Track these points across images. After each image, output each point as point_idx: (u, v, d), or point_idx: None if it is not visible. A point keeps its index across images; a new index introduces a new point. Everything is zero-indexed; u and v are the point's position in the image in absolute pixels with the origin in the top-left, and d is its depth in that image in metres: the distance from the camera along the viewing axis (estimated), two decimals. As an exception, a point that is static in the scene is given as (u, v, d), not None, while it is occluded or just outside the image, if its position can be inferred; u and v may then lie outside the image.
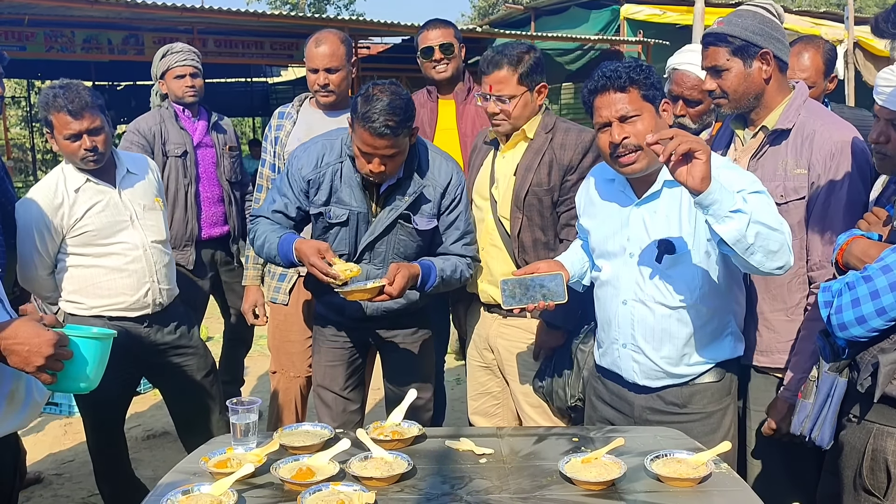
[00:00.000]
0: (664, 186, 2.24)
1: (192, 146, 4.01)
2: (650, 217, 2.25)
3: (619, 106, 2.16)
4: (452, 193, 2.73)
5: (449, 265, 2.71)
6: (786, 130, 2.37)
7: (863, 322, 1.81)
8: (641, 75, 2.17)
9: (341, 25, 11.32)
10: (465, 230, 2.78)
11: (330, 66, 3.22)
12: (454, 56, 3.41)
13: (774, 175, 2.33)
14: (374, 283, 2.52)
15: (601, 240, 2.38)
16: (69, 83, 2.83)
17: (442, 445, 2.18)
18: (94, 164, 2.87)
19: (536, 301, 2.32)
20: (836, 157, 2.29)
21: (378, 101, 2.44)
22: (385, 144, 2.47)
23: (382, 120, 2.43)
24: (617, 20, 12.85)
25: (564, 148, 2.76)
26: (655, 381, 2.31)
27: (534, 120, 2.80)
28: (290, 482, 1.91)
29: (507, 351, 2.92)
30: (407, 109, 2.50)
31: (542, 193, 2.76)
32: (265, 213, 2.77)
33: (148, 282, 3.00)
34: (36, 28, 10.70)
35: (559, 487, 1.91)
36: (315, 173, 2.69)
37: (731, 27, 2.38)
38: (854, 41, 9.55)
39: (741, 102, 2.42)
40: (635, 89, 2.16)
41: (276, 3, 30.34)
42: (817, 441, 1.97)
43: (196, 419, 3.18)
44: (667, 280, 2.23)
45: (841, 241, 2.04)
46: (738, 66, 2.37)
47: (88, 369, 1.74)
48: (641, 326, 2.28)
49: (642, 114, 2.16)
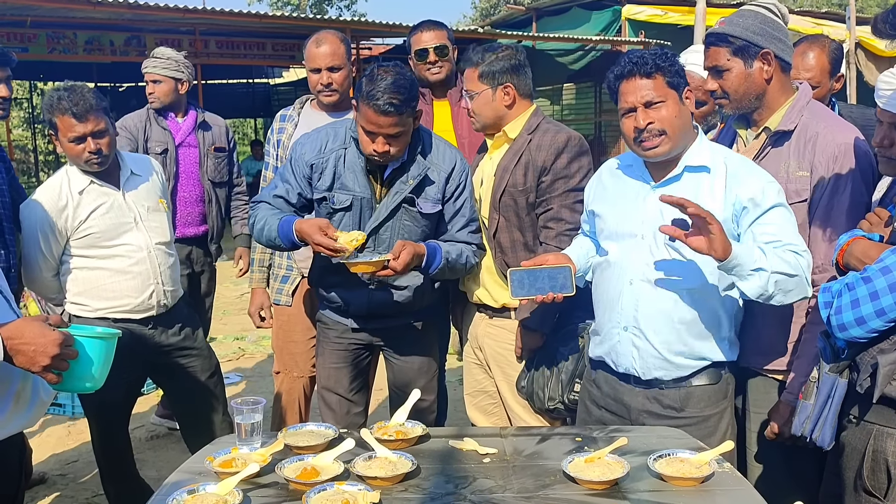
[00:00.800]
0: (685, 171, 2.27)
1: (174, 144, 4.12)
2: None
3: (644, 92, 2.21)
4: (457, 179, 2.74)
5: (455, 249, 2.72)
6: (788, 132, 2.37)
7: (862, 323, 1.81)
8: (667, 62, 2.22)
9: (343, 26, 11.34)
10: (470, 217, 2.79)
11: (332, 64, 3.23)
12: (448, 58, 3.43)
13: (776, 177, 2.33)
14: (380, 257, 2.55)
15: (613, 222, 2.39)
16: (74, 85, 2.84)
17: (445, 445, 2.19)
18: (97, 166, 2.88)
19: (545, 292, 2.34)
20: (838, 159, 2.28)
21: (382, 80, 2.47)
22: (389, 122, 2.49)
23: (387, 98, 2.46)
24: (618, 21, 12.86)
25: (539, 149, 2.76)
26: (652, 370, 2.31)
27: (518, 120, 2.80)
28: (294, 482, 1.92)
29: (492, 350, 2.93)
30: (411, 89, 2.52)
31: (517, 194, 2.76)
32: (266, 199, 2.78)
33: (152, 283, 3.00)
34: (38, 29, 10.73)
35: (562, 487, 1.91)
36: (318, 158, 2.70)
37: (732, 27, 2.38)
38: (856, 41, 9.56)
39: (742, 103, 2.42)
40: (660, 76, 2.21)
41: (278, 4, 30.36)
42: (818, 442, 1.98)
43: (200, 420, 3.19)
44: (677, 262, 2.25)
45: (842, 242, 2.04)
46: (739, 66, 2.38)
47: (94, 369, 1.75)
48: (645, 307, 2.29)
49: (667, 100, 2.21)
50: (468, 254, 2.76)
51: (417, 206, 2.69)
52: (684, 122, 2.25)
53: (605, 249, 2.43)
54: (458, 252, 2.73)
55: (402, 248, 2.54)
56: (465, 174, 2.77)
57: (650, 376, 2.33)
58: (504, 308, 2.87)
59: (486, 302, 2.90)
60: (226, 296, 7.75)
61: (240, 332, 6.46)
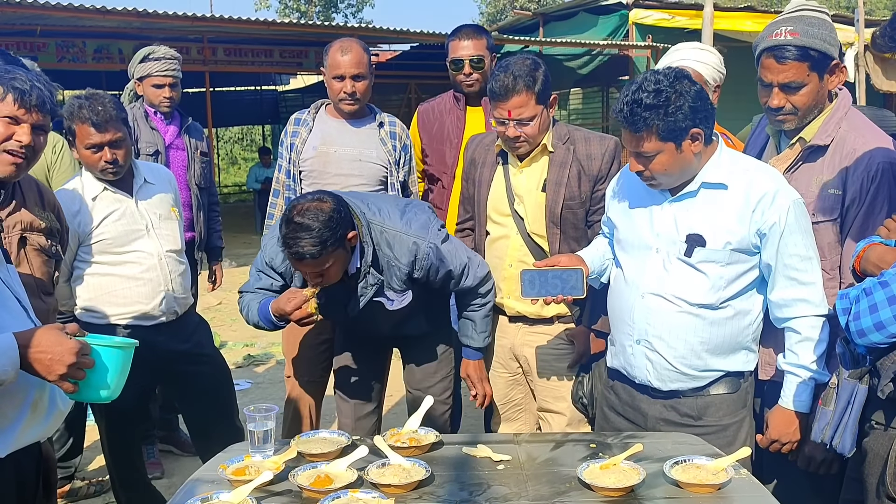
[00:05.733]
0: (701, 187, 2.23)
1: (164, 147, 3.95)
2: (683, 214, 2.24)
3: (640, 149, 2.15)
4: (422, 266, 2.62)
5: (473, 323, 2.81)
6: (823, 147, 2.29)
7: (881, 328, 1.79)
8: (660, 119, 2.10)
9: (350, 33, 11.36)
10: (466, 275, 2.71)
11: (357, 72, 3.19)
12: (484, 69, 3.38)
13: (807, 191, 2.27)
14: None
15: (628, 233, 2.37)
16: (95, 94, 2.85)
17: (459, 452, 2.18)
18: (113, 175, 2.90)
19: (555, 294, 2.34)
20: (876, 179, 2.21)
21: (295, 224, 2.37)
22: (307, 265, 2.42)
23: (297, 245, 2.36)
24: (625, 25, 12.83)
25: (591, 158, 2.74)
26: (668, 382, 2.30)
27: (549, 132, 2.77)
28: (308, 489, 1.92)
29: (535, 358, 2.88)
30: (330, 227, 2.38)
31: (576, 206, 2.74)
32: (250, 290, 2.77)
33: (163, 290, 3.01)
34: (48, 38, 10.79)
35: (578, 494, 1.91)
36: (284, 265, 2.67)
37: (811, 39, 2.23)
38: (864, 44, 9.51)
39: (806, 119, 2.31)
40: (654, 132, 2.12)
41: (286, 12, 30.47)
42: (838, 448, 1.95)
43: (211, 427, 3.19)
44: (691, 276, 2.23)
45: (859, 248, 2.03)
46: (815, 81, 2.26)
47: (110, 378, 1.75)
48: (657, 321, 2.27)
49: (664, 151, 2.14)
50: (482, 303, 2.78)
51: (385, 304, 2.65)
52: (684, 164, 2.18)
53: (619, 261, 2.41)
54: (474, 319, 2.79)
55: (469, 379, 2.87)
56: (427, 259, 2.62)
57: (667, 388, 2.31)
58: (540, 317, 2.84)
59: (523, 313, 2.85)
60: (235, 302, 7.72)
61: (249, 339, 6.46)
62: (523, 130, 2.66)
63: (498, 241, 2.86)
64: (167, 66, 3.93)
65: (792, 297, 2.20)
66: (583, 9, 13.56)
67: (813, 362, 2.19)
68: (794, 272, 2.19)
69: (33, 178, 2.44)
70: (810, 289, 2.19)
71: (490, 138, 2.91)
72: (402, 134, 3.41)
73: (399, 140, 3.36)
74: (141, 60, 3.96)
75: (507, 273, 2.83)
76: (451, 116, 3.48)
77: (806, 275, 2.19)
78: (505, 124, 2.66)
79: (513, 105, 2.62)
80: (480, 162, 2.90)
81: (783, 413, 2.25)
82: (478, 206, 2.90)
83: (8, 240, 2.16)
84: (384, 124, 3.36)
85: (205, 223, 4.16)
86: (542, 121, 2.69)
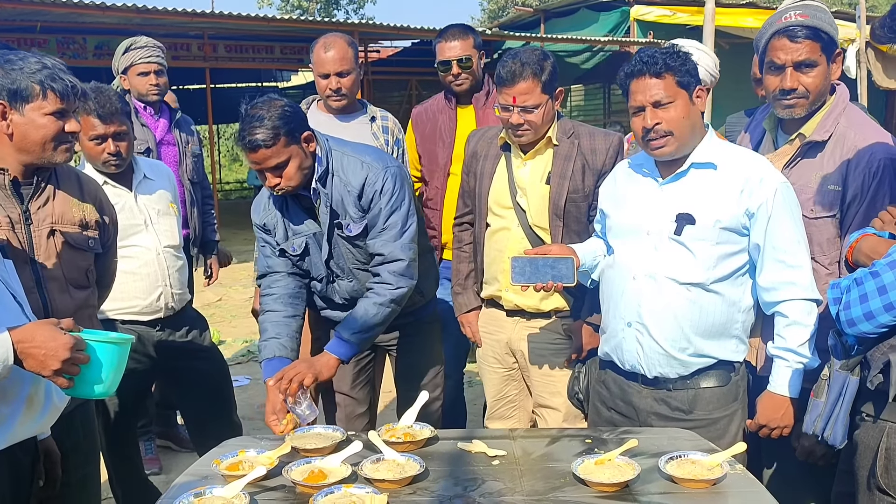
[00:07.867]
0: (691, 167, 2.27)
1: (155, 143, 3.89)
2: (674, 195, 2.28)
3: (653, 91, 2.21)
4: (370, 193, 2.57)
5: (360, 317, 2.57)
6: (821, 142, 2.30)
7: (871, 318, 1.80)
8: (678, 62, 2.21)
9: (351, 29, 11.34)
10: (397, 232, 2.59)
11: (341, 69, 3.21)
12: (472, 69, 3.38)
13: (806, 187, 2.28)
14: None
15: (620, 219, 2.39)
16: (101, 87, 2.88)
17: (454, 447, 2.18)
18: (115, 168, 2.92)
19: (545, 281, 2.35)
20: (877, 175, 2.22)
21: (248, 117, 2.39)
22: (263, 156, 2.40)
23: (249, 135, 2.37)
24: (626, 21, 12.82)
25: (595, 153, 2.75)
26: (656, 367, 2.30)
27: (553, 125, 2.77)
28: (302, 485, 1.92)
29: (531, 353, 2.87)
30: (282, 118, 2.38)
31: (579, 200, 2.74)
32: (263, 271, 2.76)
33: (160, 285, 3.01)
34: (48, 35, 10.78)
35: (572, 489, 1.91)
36: (266, 216, 2.68)
37: (821, 22, 2.25)
38: (866, 41, 9.49)
39: (814, 105, 2.31)
40: (671, 76, 2.20)
41: (287, 8, 30.42)
42: (830, 440, 1.96)
43: (209, 423, 3.19)
44: (681, 254, 2.24)
45: (851, 239, 2.03)
46: (824, 64, 2.28)
47: (106, 374, 1.74)
48: (649, 303, 2.28)
49: (676, 100, 2.21)
50: (379, 301, 2.58)
51: (347, 230, 2.61)
52: (693, 121, 2.24)
53: (612, 248, 2.43)
54: (364, 316, 2.56)
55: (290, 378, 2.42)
56: (378, 184, 2.57)
57: (654, 373, 2.32)
58: (539, 311, 2.82)
59: (521, 307, 2.84)
60: (235, 298, 7.76)
61: (248, 335, 6.46)
62: (527, 118, 2.66)
63: (498, 232, 2.86)
64: (150, 52, 3.86)
65: (780, 279, 2.21)
66: (584, 5, 13.55)
67: (801, 346, 2.19)
68: (783, 254, 2.20)
69: (73, 168, 2.44)
70: (798, 272, 2.20)
71: (493, 132, 2.92)
72: (395, 128, 3.42)
73: (391, 134, 3.38)
74: (123, 52, 3.89)
75: (506, 265, 2.81)
76: (443, 116, 3.49)
77: (794, 257, 2.20)
78: (509, 110, 2.66)
79: (518, 91, 2.63)
80: (483, 154, 2.90)
81: (771, 398, 2.25)
82: (479, 199, 2.90)
83: (37, 233, 2.16)
84: (376, 118, 3.38)
85: (199, 218, 4.12)
86: (547, 111, 2.70)
